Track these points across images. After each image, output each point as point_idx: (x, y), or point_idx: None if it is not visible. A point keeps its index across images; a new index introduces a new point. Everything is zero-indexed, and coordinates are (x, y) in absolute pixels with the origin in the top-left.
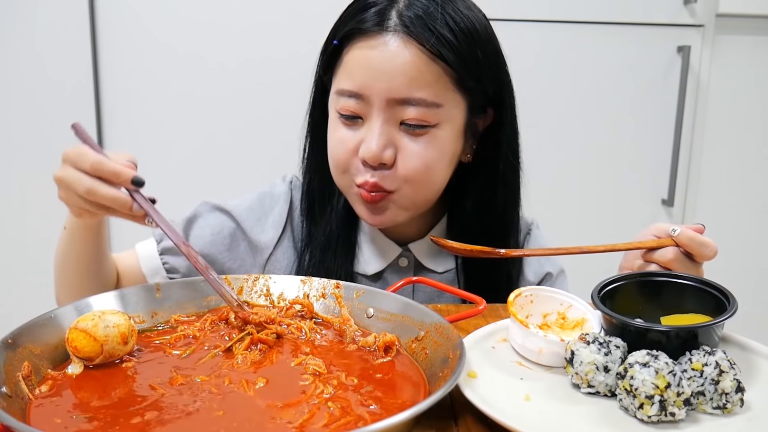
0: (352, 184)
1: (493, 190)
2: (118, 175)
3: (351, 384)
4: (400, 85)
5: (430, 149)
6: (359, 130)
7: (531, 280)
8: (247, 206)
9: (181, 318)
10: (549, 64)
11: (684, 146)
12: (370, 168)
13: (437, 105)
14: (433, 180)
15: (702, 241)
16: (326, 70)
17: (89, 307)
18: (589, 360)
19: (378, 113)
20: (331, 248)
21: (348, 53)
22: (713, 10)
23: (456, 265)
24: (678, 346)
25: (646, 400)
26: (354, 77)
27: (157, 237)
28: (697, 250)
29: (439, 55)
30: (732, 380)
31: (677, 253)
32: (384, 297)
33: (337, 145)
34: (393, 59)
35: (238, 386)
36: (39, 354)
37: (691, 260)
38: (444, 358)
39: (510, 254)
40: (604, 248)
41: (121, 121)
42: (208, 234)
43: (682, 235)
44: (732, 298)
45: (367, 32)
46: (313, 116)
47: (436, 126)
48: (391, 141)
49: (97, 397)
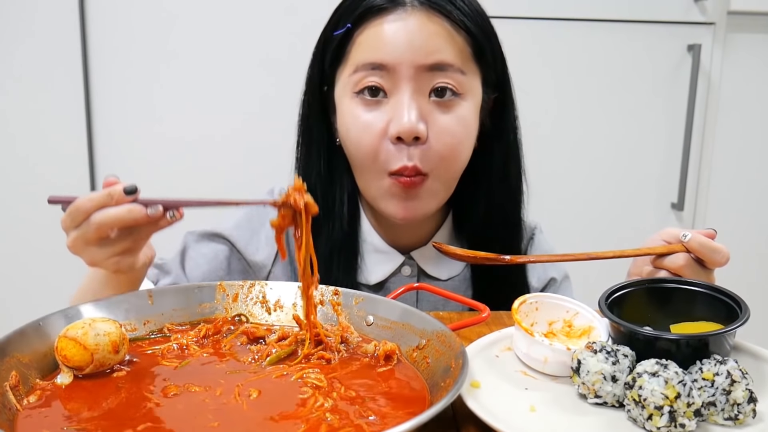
0: (383, 176)
1: (498, 187)
2: (111, 195)
3: (350, 396)
4: (428, 52)
5: (459, 124)
6: (384, 109)
7: (534, 285)
8: (234, 225)
9: (174, 327)
10: (555, 63)
11: (694, 148)
12: (403, 146)
13: (463, 72)
14: (461, 159)
15: (713, 247)
16: (332, 61)
17: (79, 315)
18: (597, 369)
19: (407, 83)
20: (334, 260)
21: (362, 34)
22: (725, 8)
23: (460, 273)
24: (688, 355)
25: (656, 410)
26: (377, 50)
27: (152, 278)
28: (708, 256)
29: (463, 26)
30: (744, 390)
31: (688, 259)
32: (384, 304)
33: (362, 132)
34: (418, 31)
35: (234, 397)
36: (27, 363)
37: (702, 266)
38: (446, 368)
39: (515, 261)
40: (612, 254)
41: (113, 122)
42: (203, 263)
43: (693, 241)
44: (744, 305)
45: (382, 9)
46: (308, 118)
47: (462, 96)
48: (422, 113)
49: (88, 408)
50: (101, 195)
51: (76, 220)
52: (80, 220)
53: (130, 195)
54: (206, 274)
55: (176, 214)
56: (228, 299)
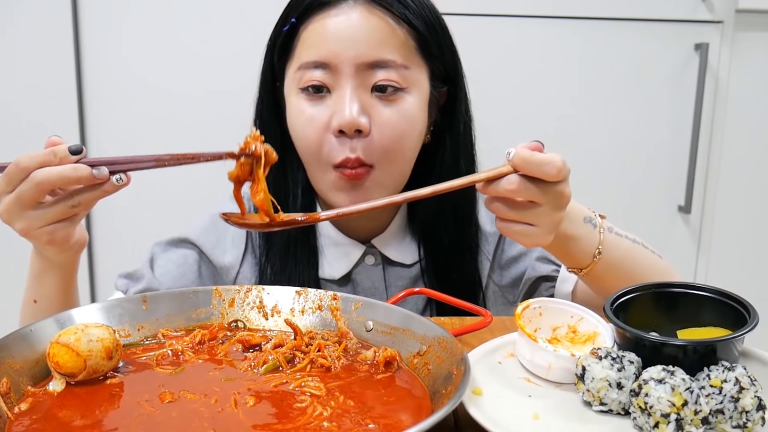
0: (329, 169)
1: (452, 172)
2: (55, 153)
3: (349, 404)
4: (368, 49)
5: (403, 117)
6: (327, 103)
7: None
8: (201, 229)
9: (169, 332)
10: (559, 62)
11: (702, 149)
12: (346, 139)
13: (406, 67)
14: (407, 152)
15: (539, 160)
16: (280, 56)
17: (71, 320)
18: (602, 376)
19: (347, 80)
20: (290, 255)
21: (306, 29)
22: (732, 6)
23: (419, 256)
24: (695, 361)
25: (662, 418)
26: (319, 47)
27: (121, 287)
28: (537, 171)
29: (405, 19)
30: (753, 398)
31: (520, 181)
32: (384, 309)
33: (306, 125)
34: (359, 26)
35: (230, 405)
36: (18, 369)
37: (539, 184)
38: (447, 374)
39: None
40: (432, 191)
41: (105, 123)
42: (173, 269)
43: (516, 158)
44: (753, 311)
45: (326, 4)
46: (262, 114)
47: (406, 90)
48: (364, 107)
49: (80, 416)
50: (44, 153)
51: (13, 181)
52: (18, 180)
53: (75, 155)
54: (177, 279)
55: (124, 178)
56: (224, 304)
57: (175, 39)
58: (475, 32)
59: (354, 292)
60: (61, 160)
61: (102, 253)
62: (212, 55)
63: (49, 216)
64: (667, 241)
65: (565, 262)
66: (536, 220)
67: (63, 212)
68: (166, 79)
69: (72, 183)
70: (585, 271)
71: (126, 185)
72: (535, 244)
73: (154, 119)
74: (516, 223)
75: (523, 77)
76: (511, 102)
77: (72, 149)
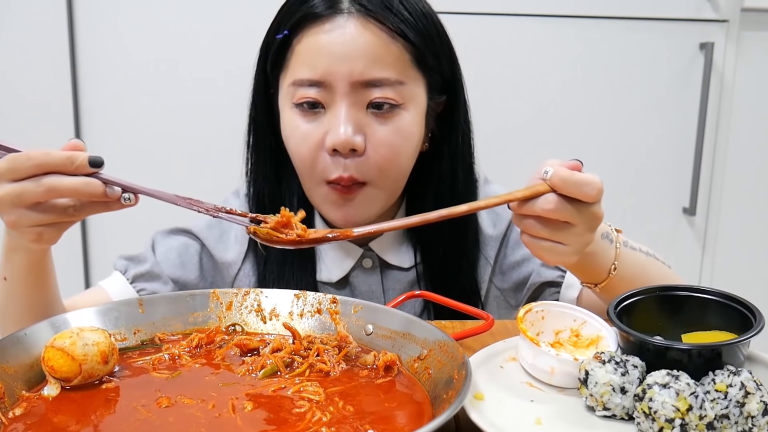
0: (321, 183)
1: (446, 190)
2: (73, 160)
3: (349, 410)
4: (363, 67)
5: (399, 135)
6: (321, 120)
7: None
8: (205, 224)
9: (166, 336)
10: (563, 61)
11: (707, 150)
12: (340, 158)
13: (401, 83)
14: (402, 168)
15: (579, 180)
16: (273, 66)
17: (67, 324)
18: (605, 380)
19: (342, 98)
20: (287, 260)
21: (300, 42)
22: (738, 5)
23: (416, 260)
24: (700, 365)
25: (666, 423)
26: (313, 65)
27: (120, 268)
28: (576, 192)
29: (400, 33)
30: (758, 402)
31: (557, 200)
32: (384, 313)
33: (300, 142)
34: (353, 41)
35: (227, 410)
36: (12, 374)
37: (576, 204)
38: (448, 379)
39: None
40: (468, 208)
41: (100, 125)
42: (174, 256)
43: (555, 177)
44: (758, 314)
45: (319, 17)
46: (256, 121)
47: (402, 106)
48: (359, 126)
49: (76, 421)
50: (61, 156)
51: (18, 173)
52: (24, 174)
53: (94, 168)
54: (178, 268)
55: (132, 198)
56: (222, 308)
57: (171, 34)
58: (474, 32)
59: (351, 296)
60: (77, 169)
61: (96, 245)
62: (208, 52)
63: (43, 219)
64: (672, 244)
65: (581, 277)
66: (567, 239)
67: (59, 218)
68: (161, 75)
69: (82, 198)
70: (600, 286)
71: (133, 205)
72: (561, 263)
73: (149, 114)
74: (545, 241)
75: (526, 76)
76: (514, 102)
77: (92, 161)
